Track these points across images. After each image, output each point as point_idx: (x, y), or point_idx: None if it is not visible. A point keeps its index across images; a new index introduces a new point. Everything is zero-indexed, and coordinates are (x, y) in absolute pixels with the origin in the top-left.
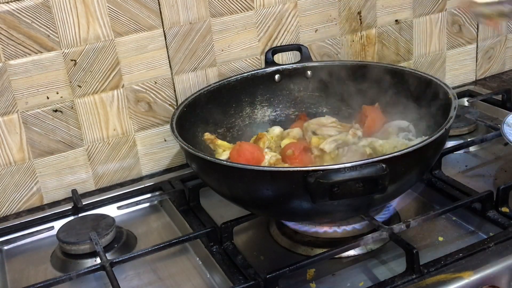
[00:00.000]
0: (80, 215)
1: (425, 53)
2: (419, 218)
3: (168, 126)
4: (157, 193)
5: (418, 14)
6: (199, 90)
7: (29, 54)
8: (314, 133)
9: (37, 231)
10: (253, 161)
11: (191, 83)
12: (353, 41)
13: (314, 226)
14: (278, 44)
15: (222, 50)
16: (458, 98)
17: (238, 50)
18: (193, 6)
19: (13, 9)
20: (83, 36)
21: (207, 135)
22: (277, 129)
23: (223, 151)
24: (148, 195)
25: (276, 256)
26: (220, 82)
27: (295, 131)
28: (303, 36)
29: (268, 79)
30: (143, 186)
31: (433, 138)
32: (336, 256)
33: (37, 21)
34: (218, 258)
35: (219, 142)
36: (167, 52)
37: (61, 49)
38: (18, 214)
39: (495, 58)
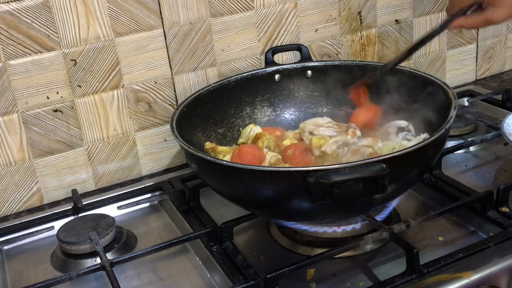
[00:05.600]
0: (80, 215)
1: (425, 53)
2: (419, 218)
3: (168, 126)
4: (157, 193)
5: (418, 14)
6: (199, 90)
7: (29, 54)
8: (311, 133)
9: (37, 231)
10: (256, 162)
11: (191, 83)
12: (353, 41)
13: (312, 226)
14: (278, 44)
15: (222, 50)
16: (458, 98)
17: (238, 50)
18: (193, 6)
19: (13, 9)
20: (83, 36)
21: (208, 144)
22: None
23: (224, 156)
24: (148, 195)
25: (276, 256)
26: (220, 82)
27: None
28: (303, 36)
29: (268, 79)
30: (143, 186)
31: (433, 138)
32: (336, 256)
33: (37, 21)
34: (218, 258)
35: (220, 148)
36: (167, 52)
37: (61, 49)
38: (18, 214)
39: (495, 58)
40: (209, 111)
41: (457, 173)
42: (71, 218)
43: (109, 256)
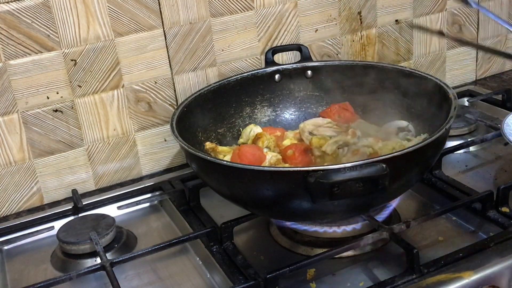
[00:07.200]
0: (80, 215)
1: (425, 53)
2: (419, 218)
3: (168, 126)
4: (157, 193)
5: (418, 14)
6: (199, 90)
7: (29, 54)
8: (311, 134)
9: (37, 231)
10: (256, 162)
11: (191, 83)
12: (353, 41)
13: (312, 226)
14: (278, 44)
15: (222, 50)
16: (458, 98)
17: (238, 50)
18: (193, 6)
19: (13, 9)
20: (83, 36)
21: (208, 144)
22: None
23: (224, 157)
24: (148, 195)
25: (276, 256)
26: (220, 82)
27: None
28: (303, 36)
29: (268, 79)
30: (143, 186)
31: (433, 138)
32: (336, 256)
33: (37, 21)
34: (218, 258)
35: (220, 148)
36: (167, 52)
37: (61, 49)
38: (18, 214)
39: (495, 58)
40: (209, 111)
41: (457, 173)
42: (71, 218)
43: (109, 256)
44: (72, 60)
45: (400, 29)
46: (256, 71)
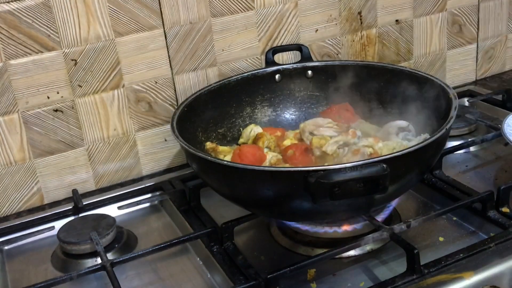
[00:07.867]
0: (80, 215)
1: (426, 53)
2: (419, 218)
3: (168, 126)
4: (157, 193)
5: (419, 14)
6: (199, 90)
7: (30, 54)
8: (312, 134)
9: (37, 231)
10: (256, 162)
11: (191, 83)
12: (353, 41)
13: (313, 226)
14: (279, 44)
15: (223, 50)
16: (459, 98)
17: (238, 50)
18: (194, 6)
19: (13, 9)
20: (83, 36)
21: (208, 144)
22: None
23: (224, 157)
24: (149, 195)
25: (276, 256)
26: (220, 82)
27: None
28: (303, 36)
29: (268, 79)
30: (144, 186)
31: (433, 138)
32: (337, 256)
33: (38, 21)
34: (219, 258)
35: (220, 148)
36: (168, 52)
37: (62, 49)
38: (18, 214)
39: (495, 58)
40: (210, 111)
41: (458, 173)
42: (72, 218)
43: (110, 256)
44: (72, 60)
45: (400, 29)
46: (256, 71)
